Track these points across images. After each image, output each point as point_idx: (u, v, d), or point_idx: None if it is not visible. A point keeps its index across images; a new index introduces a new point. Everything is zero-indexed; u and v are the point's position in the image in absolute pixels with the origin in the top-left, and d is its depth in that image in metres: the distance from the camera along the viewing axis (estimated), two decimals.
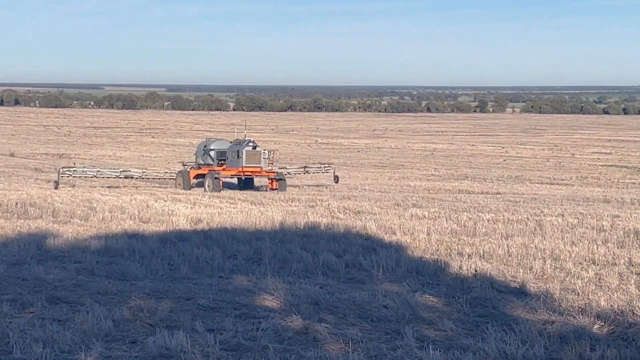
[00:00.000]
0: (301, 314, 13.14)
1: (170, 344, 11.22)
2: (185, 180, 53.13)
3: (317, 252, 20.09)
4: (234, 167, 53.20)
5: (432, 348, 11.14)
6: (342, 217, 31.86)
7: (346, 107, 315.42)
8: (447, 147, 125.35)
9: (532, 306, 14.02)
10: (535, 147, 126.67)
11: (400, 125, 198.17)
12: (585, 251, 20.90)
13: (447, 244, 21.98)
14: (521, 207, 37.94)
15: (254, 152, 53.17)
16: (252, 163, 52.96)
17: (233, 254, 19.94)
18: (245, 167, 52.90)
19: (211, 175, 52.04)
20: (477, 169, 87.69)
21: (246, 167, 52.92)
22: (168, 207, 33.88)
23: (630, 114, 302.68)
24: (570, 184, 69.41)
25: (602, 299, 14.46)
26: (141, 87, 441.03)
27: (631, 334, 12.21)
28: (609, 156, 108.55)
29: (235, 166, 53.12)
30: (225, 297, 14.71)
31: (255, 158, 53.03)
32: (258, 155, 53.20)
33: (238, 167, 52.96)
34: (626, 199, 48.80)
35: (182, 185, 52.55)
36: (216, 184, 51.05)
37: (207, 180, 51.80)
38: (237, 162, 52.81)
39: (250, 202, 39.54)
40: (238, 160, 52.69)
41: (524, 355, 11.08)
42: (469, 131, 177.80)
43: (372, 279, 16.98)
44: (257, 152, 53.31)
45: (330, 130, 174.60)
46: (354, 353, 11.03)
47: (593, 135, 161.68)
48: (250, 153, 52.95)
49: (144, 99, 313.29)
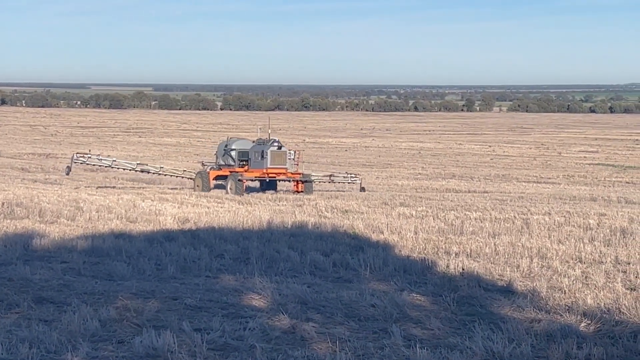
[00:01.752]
0: (288, 313, 13.13)
1: (157, 343, 11.20)
2: (204, 181, 50.02)
3: (304, 251, 20.09)
4: (257, 169, 49.82)
5: (419, 347, 11.15)
6: (329, 216, 31.86)
7: (334, 107, 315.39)
8: (434, 146, 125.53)
9: (519, 304, 14.06)
10: (522, 145, 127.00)
11: (387, 125, 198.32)
12: (571, 249, 20.97)
13: (435, 243, 22.00)
14: (508, 206, 38.04)
15: (280, 153, 49.84)
16: (277, 164, 49.65)
17: (220, 254, 19.91)
18: (270, 169, 49.59)
19: (234, 177, 48.44)
20: (465, 167, 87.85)
21: (271, 169, 49.59)
22: (155, 206, 33.81)
23: (616, 112, 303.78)
24: (557, 182, 69.61)
25: (588, 297, 14.51)
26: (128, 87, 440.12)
27: (617, 332, 12.25)
28: (595, 155, 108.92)
29: (259, 167, 49.76)
30: (212, 296, 14.69)
31: (280, 159, 49.75)
32: (283, 156, 49.91)
33: (262, 169, 49.60)
34: (612, 197, 48.98)
35: (201, 187, 49.34)
36: (239, 186, 47.48)
37: (230, 182, 48.42)
38: (261, 163, 49.49)
39: (238, 202, 39.51)
40: (262, 161, 49.43)
41: (511, 354, 11.10)
42: (456, 130, 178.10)
43: (360, 278, 16.99)
44: (282, 152, 50.01)
45: (318, 130, 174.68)
46: (342, 352, 11.03)
47: (580, 134, 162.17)
48: (276, 153, 49.62)
49: (131, 99, 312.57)
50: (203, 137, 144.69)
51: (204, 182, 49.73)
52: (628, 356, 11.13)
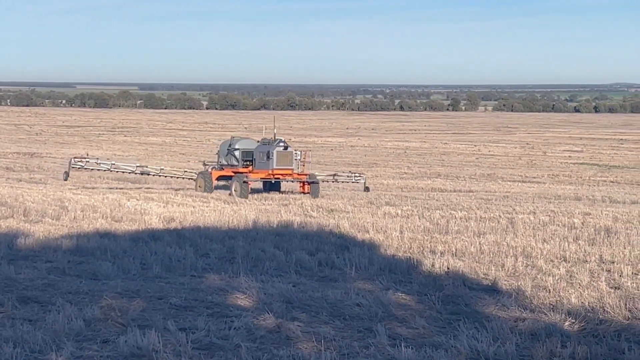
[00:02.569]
0: (274, 312, 13.13)
1: (141, 343, 11.18)
2: (207, 182, 48.02)
3: (290, 250, 20.09)
4: (263, 169, 47.66)
5: (404, 346, 11.17)
6: (315, 215, 31.87)
7: (319, 106, 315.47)
8: (419, 146, 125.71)
9: (503, 303, 14.10)
10: (507, 145, 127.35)
11: (373, 124, 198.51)
12: (556, 248, 21.04)
13: (420, 242, 22.04)
14: (493, 205, 38.13)
15: (286, 153, 47.76)
16: (284, 165, 47.60)
17: (206, 253, 19.90)
18: (276, 170, 47.45)
19: (239, 178, 46.02)
20: (450, 167, 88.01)
21: (277, 170, 47.48)
22: (140, 206, 33.73)
23: (601, 112, 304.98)
24: (541, 181, 69.82)
25: (573, 296, 14.57)
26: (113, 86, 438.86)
27: (602, 330, 12.30)
28: (580, 154, 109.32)
29: (264, 168, 47.59)
30: (197, 296, 14.68)
31: (286, 159, 47.72)
32: (290, 157, 47.91)
33: (268, 170, 47.44)
34: (597, 196, 49.17)
35: (204, 188, 47.49)
36: (245, 188, 45.15)
37: (234, 184, 45.88)
38: (267, 164, 47.33)
39: (224, 201, 39.49)
40: (268, 161, 47.23)
41: (495, 352, 11.13)
42: (442, 129, 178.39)
43: (345, 277, 17.00)
44: (288, 152, 47.94)
45: (304, 129, 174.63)
46: (327, 351, 11.04)
47: (564, 134, 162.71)
48: (282, 154, 47.54)
49: (117, 98, 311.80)
50: (189, 136, 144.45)
51: (206, 182, 48.07)
52: (612, 355, 11.18)
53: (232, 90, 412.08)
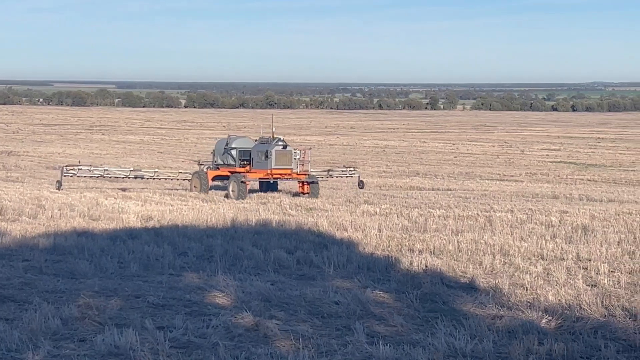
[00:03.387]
0: (252, 310, 13.13)
1: (119, 342, 11.14)
2: (203, 182, 46.50)
3: (268, 249, 20.09)
4: (261, 169, 45.97)
5: (382, 343, 11.19)
6: (294, 213, 31.87)
7: (298, 104, 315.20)
8: (398, 144, 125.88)
9: (481, 301, 14.16)
10: (486, 143, 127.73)
11: (352, 123, 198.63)
12: (534, 246, 21.14)
13: (398, 240, 22.09)
14: (471, 203, 38.25)
15: (285, 152, 46.14)
16: (282, 164, 45.98)
17: (184, 252, 19.86)
18: (274, 169, 45.79)
19: (236, 178, 44.37)
20: (428, 165, 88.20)
21: (275, 169, 45.83)
22: (118, 204, 33.62)
23: (578, 110, 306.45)
24: (519, 180, 70.08)
25: (550, 293, 14.64)
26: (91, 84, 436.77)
27: (578, 328, 12.37)
28: (557, 153, 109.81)
29: (262, 168, 45.89)
30: (175, 294, 14.66)
31: (285, 159, 46.05)
32: (289, 156, 46.23)
33: (266, 169, 45.75)
34: (574, 194, 49.42)
35: (199, 188, 45.96)
36: (243, 189, 43.69)
37: (232, 184, 44.40)
38: (265, 164, 45.66)
39: (202, 200, 39.40)
40: (266, 161, 45.61)
41: (472, 350, 11.17)
42: (420, 128, 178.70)
43: (323, 276, 17.02)
44: (287, 152, 46.30)
45: (283, 128, 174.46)
46: (305, 349, 11.05)
47: (542, 132, 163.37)
48: (281, 153, 45.87)
49: (94, 96, 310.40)
50: (167, 135, 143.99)
51: (202, 182, 46.56)
52: (588, 352, 11.24)
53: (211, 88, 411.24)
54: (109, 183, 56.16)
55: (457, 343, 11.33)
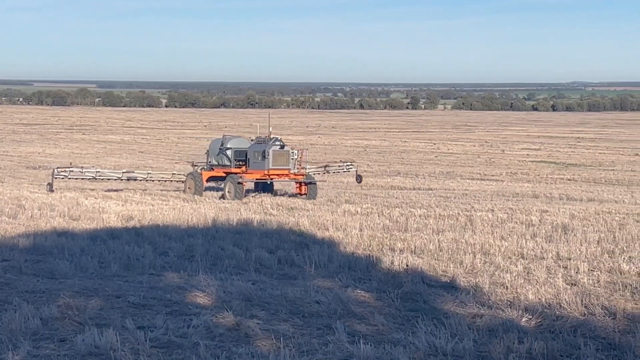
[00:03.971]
0: (233, 310, 13.11)
1: (99, 342, 11.11)
2: (197, 183, 45.09)
3: (249, 248, 20.07)
4: (257, 170, 44.78)
5: (363, 343, 11.21)
6: (275, 213, 31.86)
7: (279, 104, 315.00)
8: (379, 144, 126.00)
9: (462, 300, 14.20)
10: (466, 143, 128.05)
11: (333, 122, 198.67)
12: (514, 246, 21.22)
13: (379, 240, 22.12)
14: (452, 203, 38.35)
15: (282, 152, 44.97)
16: (280, 165, 44.80)
17: (164, 251, 19.82)
18: (272, 170, 44.60)
19: (232, 179, 43.27)
20: (409, 165, 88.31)
21: (273, 170, 44.64)
22: (99, 204, 33.51)
23: (558, 110, 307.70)
24: (500, 179, 70.30)
25: (530, 292, 14.70)
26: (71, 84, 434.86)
27: (558, 326, 12.43)
28: (538, 152, 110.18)
29: (259, 168, 44.69)
30: (156, 294, 14.62)
31: (283, 159, 44.91)
32: (286, 156, 45.09)
33: (263, 170, 44.52)
34: (554, 194, 49.65)
35: (194, 190, 44.59)
36: (239, 189, 42.66)
37: (228, 185, 43.28)
38: (262, 164, 44.49)
39: (183, 199, 39.32)
40: (263, 161, 44.42)
41: (453, 349, 11.20)
42: (402, 128, 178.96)
43: (305, 275, 17.02)
44: (285, 152, 45.16)
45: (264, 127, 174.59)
46: (286, 348, 11.04)
47: (522, 132, 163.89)
48: (278, 153, 44.67)
49: (74, 95, 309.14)
50: (148, 134, 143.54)
51: (196, 184, 45.11)
52: (568, 350, 11.30)
53: (192, 88, 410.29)
54: (89, 183, 55.91)
55: (438, 342, 11.36)
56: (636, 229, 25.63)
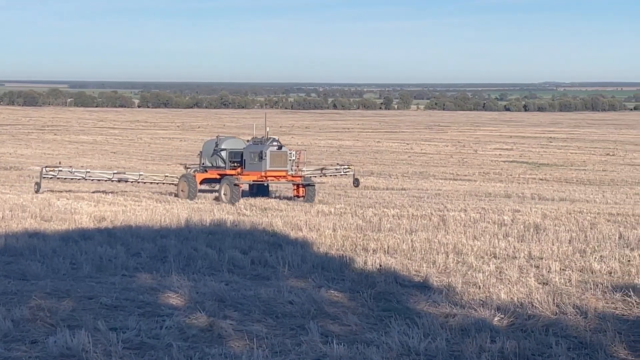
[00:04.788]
0: (206, 311, 13.09)
1: (71, 343, 11.05)
2: (191, 186, 43.25)
3: (222, 249, 20.04)
4: (254, 171, 43.18)
5: (336, 343, 11.22)
6: (248, 214, 31.82)
7: (253, 104, 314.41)
8: (353, 144, 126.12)
9: (434, 300, 14.25)
10: (439, 143, 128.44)
11: (306, 122, 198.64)
12: (486, 245, 21.32)
13: (353, 240, 22.16)
14: (425, 203, 38.49)
15: (280, 153, 43.48)
16: (277, 166, 43.23)
17: (137, 252, 19.74)
18: (269, 171, 43.03)
19: (229, 181, 41.64)
20: (383, 165, 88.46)
21: (270, 171, 43.08)
22: (71, 205, 33.33)
23: (530, 110, 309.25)
24: (472, 179, 70.60)
25: (502, 291, 14.78)
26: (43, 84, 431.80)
27: (530, 325, 12.50)
28: (510, 152, 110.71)
29: (256, 170, 43.10)
30: (128, 295, 14.56)
31: (280, 160, 43.36)
32: (284, 157, 43.61)
33: (260, 171, 42.94)
34: (526, 193, 49.95)
35: (187, 193, 42.75)
36: (236, 192, 41.16)
37: (224, 187, 41.62)
38: (259, 165, 42.90)
39: (156, 200, 39.18)
40: (260, 162, 42.85)
41: (426, 348, 11.24)
42: (375, 128, 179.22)
43: (278, 275, 17.02)
44: (283, 152, 43.72)
45: (237, 127, 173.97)
46: (259, 349, 11.04)
47: (495, 132, 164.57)
48: (275, 154, 43.16)
49: (46, 96, 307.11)
50: (120, 135, 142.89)
51: (190, 186, 43.33)
52: (540, 349, 11.36)
53: (164, 88, 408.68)
54: (61, 184, 55.56)
55: (411, 342, 11.40)
56: (607, 228, 25.84)
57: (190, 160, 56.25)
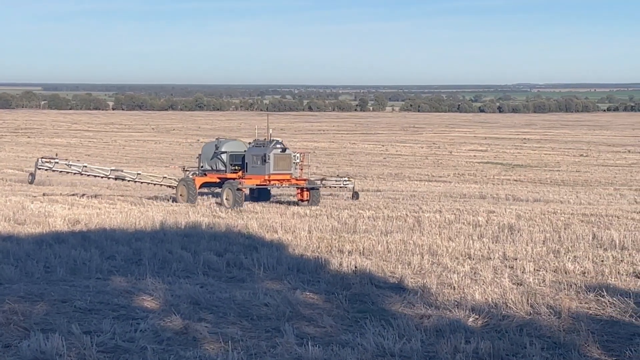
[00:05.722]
0: (181, 314, 13.05)
1: (45, 347, 10.99)
2: (190, 191, 41.82)
3: (197, 251, 19.99)
4: (257, 175, 41.67)
5: (311, 345, 11.22)
6: (223, 216, 31.77)
7: (228, 106, 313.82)
8: (328, 146, 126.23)
9: (409, 301, 14.29)
10: (414, 145, 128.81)
11: (282, 124, 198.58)
12: (461, 246, 21.40)
13: (328, 242, 22.16)
14: (400, 204, 38.58)
15: (284, 156, 42.09)
16: (281, 169, 41.83)
17: (112, 255, 19.66)
18: (273, 175, 41.57)
19: (231, 185, 40.06)
20: (358, 167, 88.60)
21: (274, 175, 41.63)
22: (45, 208, 33.13)
23: (505, 112, 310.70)
24: (447, 180, 70.85)
25: (477, 292, 14.84)
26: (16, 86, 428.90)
27: (504, 326, 12.56)
28: (484, 153, 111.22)
29: (259, 173, 41.60)
30: (103, 298, 14.50)
31: (284, 163, 41.95)
32: (288, 160, 42.16)
33: (263, 175, 41.44)
34: (501, 194, 50.18)
35: (186, 197, 41.39)
36: (239, 196, 39.49)
37: (226, 191, 39.94)
38: (262, 169, 41.42)
39: (130, 203, 39.02)
40: (264, 165, 41.35)
41: (401, 349, 11.27)
42: (350, 130, 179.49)
43: (253, 278, 17.00)
44: (287, 155, 42.26)
45: (213, 130, 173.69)
46: (234, 352, 11.02)
47: (470, 133, 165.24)
48: (279, 157, 41.79)
49: (20, 98, 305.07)
50: (94, 137, 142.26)
51: (189, 190, 41.92)
52: (514, 349, 11.42)
53: (139, 90, 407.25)
54: (35, 186, 55.22)
55: (386, 343, 11.42)
56: (581, 228, 26.02)
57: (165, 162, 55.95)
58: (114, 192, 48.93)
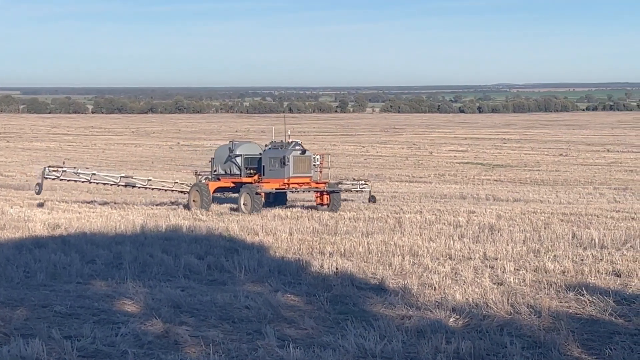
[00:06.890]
0: (162, 317, 13.03)
1: (25, 352, 10.95)
2: (204, 196, 39.46)
3: (178, 255, 19.95)
4: (275, 178, 39.57)
5: (292, 347, 11.23)
6: (204, 219, 31.73)
7: (208, 109, 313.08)
8: (309, 147, 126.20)
9: (390, 302, 14.32)
10: (395, 145, 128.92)
11: (262, 126, 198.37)
12: (442, 247, 21.47)
13: (309, 243, 22.19)
14: (381, 205, 38.64)
15: (304, 158, 40.19)
16: (301, 172, 39.85)
17: (92, 259, 19.59)
18: (292, 178, 39.49)
19: (249, 189, 38.20)
20: (339, 168, 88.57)
21: (294, 178, 39.55)
22: (24, 212, 32.97)
23: (484, 112, 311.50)
24: (428, 181, 70.98)
25: (457, 292, 14.89)
26: None
27: (485, 325, 12.61)
28: (465, 154, 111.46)
29: (277, 177, 39.53)
30: (83, 303, 14.45)
31: (304, 166, 39.98)
32: (308, 162, 40.26)
33: (283, 178, 39.33)
34: (481, 195, 50.35)
35: (200, 203, 39.00)
36: (257, 201, 37.75)
37: (244, 196, 38.06)
38: (281, 172, 39.34)
39: (110, 206, 38.88)
40: (282, 168, 39.30)
41: (382, 350, 11.29)
42: (331, 131, 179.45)
43: (234, 280, 16.99)
44: (307, 157, 40.38)
45: (193, 132, 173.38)
46: (215, 354, 11.02)
47: (450, 134, 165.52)
48: (299, 159, 39.90)
49: None
50: (74, 141, 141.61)
51: (203, 196, 39.60)
52: (495, 349, 11.47)
53: (119, 94, 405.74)
54: (14, 190, 54.96)
55: (367, 344, 11.44)
56: (561, 228, 26.15)
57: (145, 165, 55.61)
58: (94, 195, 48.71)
